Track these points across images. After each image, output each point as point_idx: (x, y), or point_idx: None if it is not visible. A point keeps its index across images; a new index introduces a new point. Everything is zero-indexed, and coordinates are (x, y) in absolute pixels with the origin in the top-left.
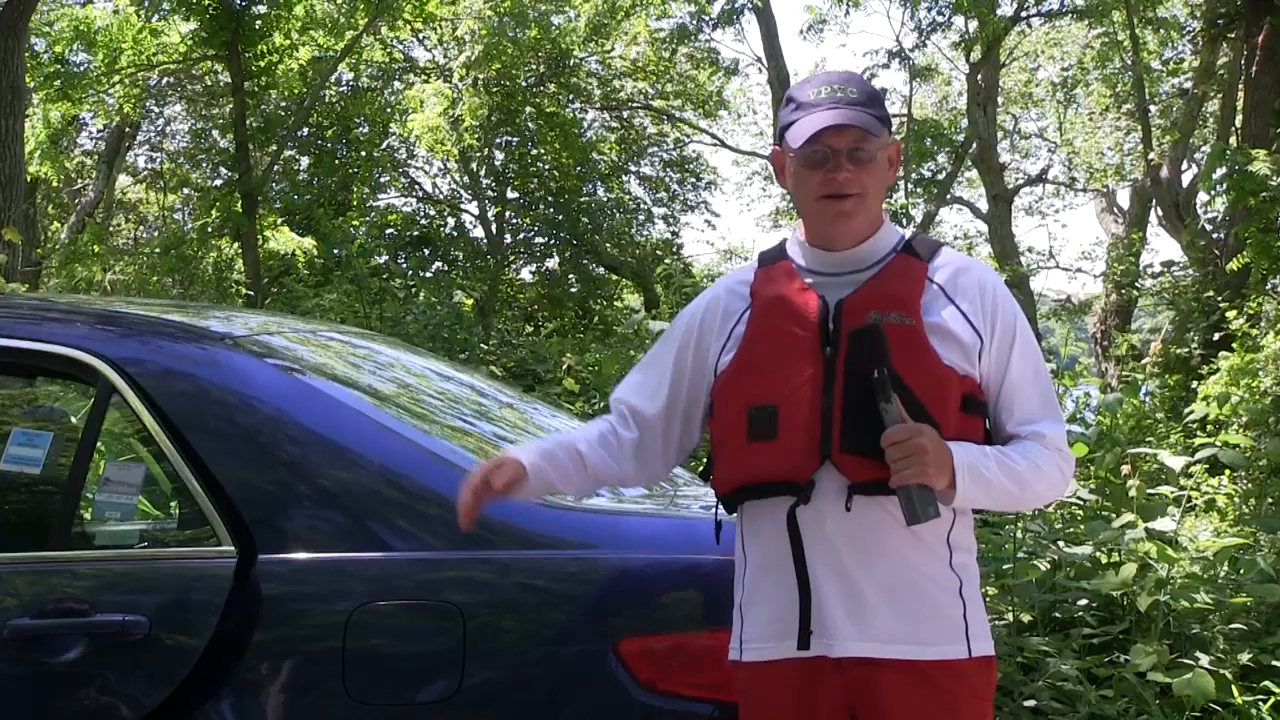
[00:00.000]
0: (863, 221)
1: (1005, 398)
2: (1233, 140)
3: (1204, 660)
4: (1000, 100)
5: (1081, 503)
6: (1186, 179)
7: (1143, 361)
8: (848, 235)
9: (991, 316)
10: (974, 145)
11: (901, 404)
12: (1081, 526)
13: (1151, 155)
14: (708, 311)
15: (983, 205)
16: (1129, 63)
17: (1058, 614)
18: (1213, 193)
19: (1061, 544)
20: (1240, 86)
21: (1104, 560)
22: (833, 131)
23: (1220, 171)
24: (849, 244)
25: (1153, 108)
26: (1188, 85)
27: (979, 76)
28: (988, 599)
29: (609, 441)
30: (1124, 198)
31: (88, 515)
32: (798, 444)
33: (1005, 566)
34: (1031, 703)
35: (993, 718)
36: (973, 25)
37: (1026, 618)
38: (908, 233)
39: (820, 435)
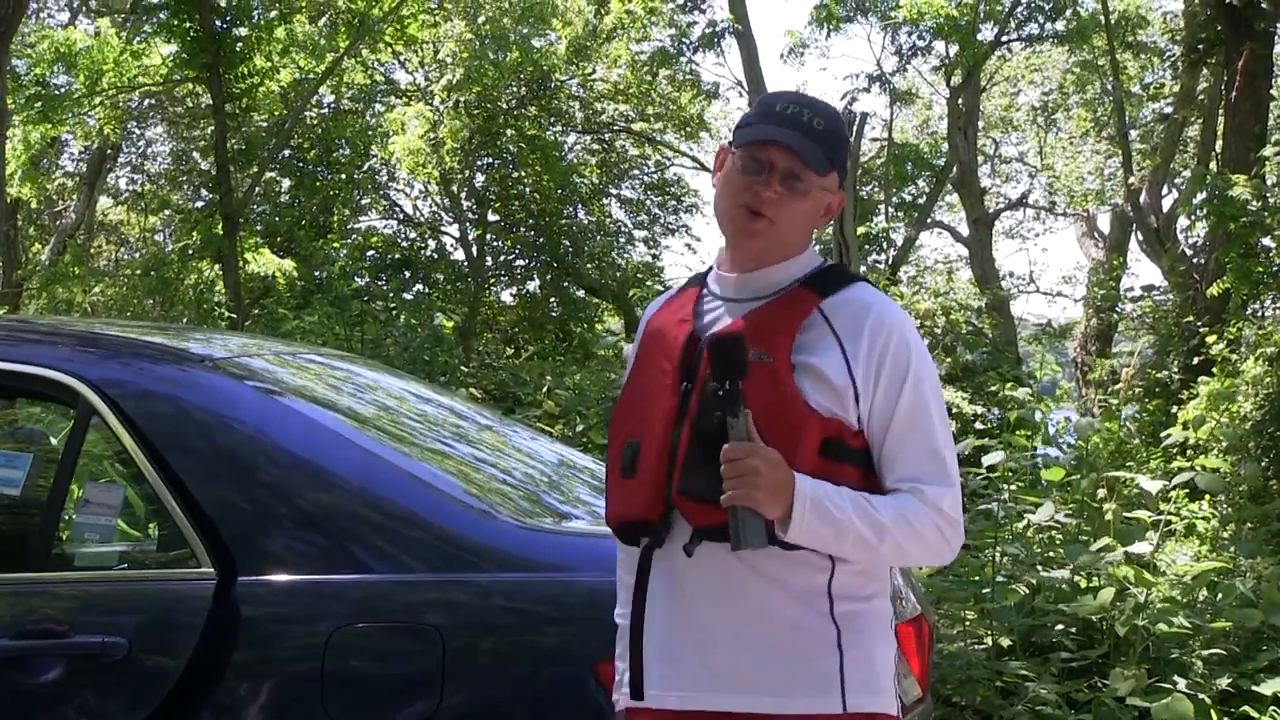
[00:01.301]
0: (767, 247)
1: (888, 452)
2: (1213, 165)
3: (1183, 685)
4: (981, 125)
5: (1060, 526)
6: (1167, 204)
7: (1116, 386)
8: (749, 255)
9: (879, 361)
10: (954, 169)
11: (751, 423)
12: (1060, 550)
13: (1132, 180)
14: (637, 339)
15: (963, 229)
16: (1109, 87)
17: (1036, 638)
18: (1193, 217)
19: (1040, 568)
20: (1220, 111)
21: (1082, 584)
22: (778, 148)
23: (1200, 196)
24: (750, 265)
25: (1133, 132)
26: (1168, 110)
27: (959, 101)
28: (963, 627)
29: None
30: (1104, 222)
31: (67, 536)
32: (649, 483)
33: (984, 590)
34: None
35: None
36: (953, 50)
37: (1005, 642)
38: (829, 262)
39: (666, 475)
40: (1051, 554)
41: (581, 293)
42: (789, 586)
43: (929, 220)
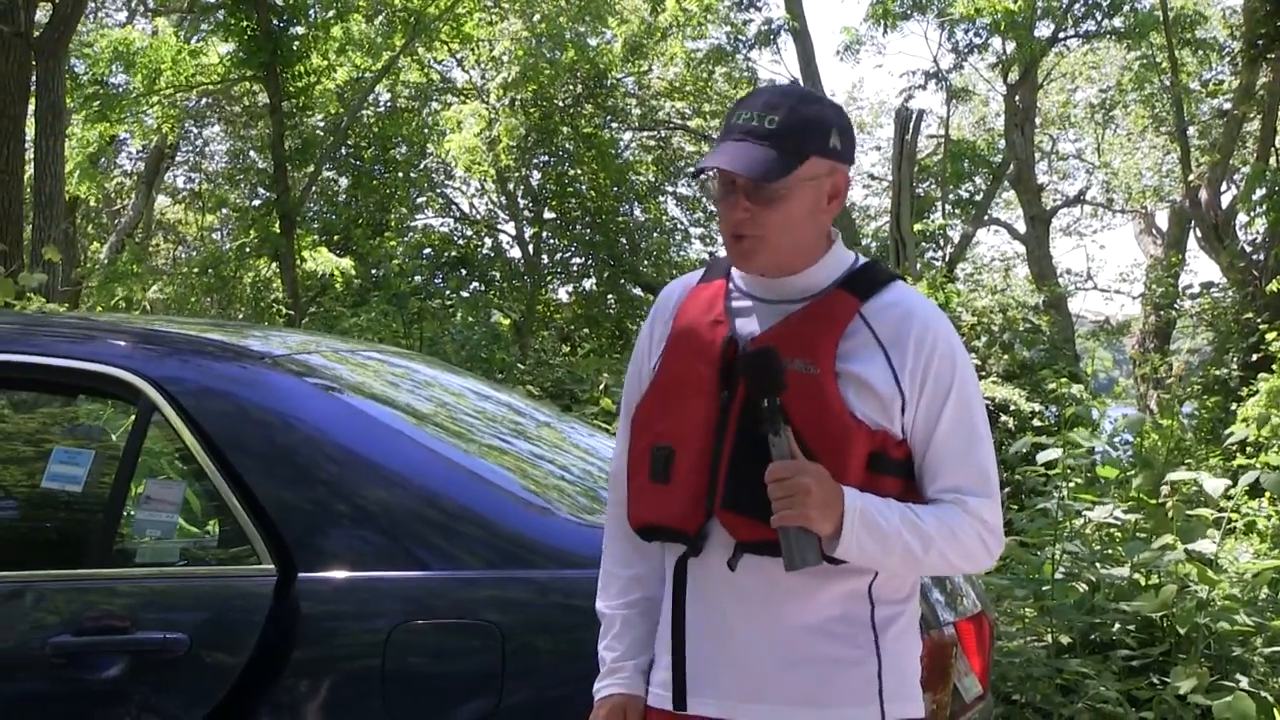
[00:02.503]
0: (773, 258)
1: (930, 462)
2: (1272, 161)
3: (1245, 683)
4: (1038, 121)
5: (1119, 524)
6: (1225, 200)
7: (1167, 381)
8: (760, 270)
9: (924, 371)
10: (1011, 166)
11: (794, 438)
12: (1120, 548)
13: (1190, 176)
14: (651, 325)
15: (1020, 226)
16: (1167, 84)
17: (1096, 636)
18: (1252, 214)
19: (1099, 565)
20: None
21: (1143, 582)
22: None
23: (1260, 192)
24: (775, 274)
25: (1191, 129)
26: (1227, 106)
27: (1016, 97)
28: (1022, 624)
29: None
30: (1162, 219)
31: (128, 533)
32: (685, 494)
33: (1044, 588)
34: None
35: None
36: (1010, 47)
37: (1065, 639)
38: (864, 259)
39: (707, 487)
40: (1111, 552)
41: (638, 290)
42: (831, 593)
43: (986, 217)
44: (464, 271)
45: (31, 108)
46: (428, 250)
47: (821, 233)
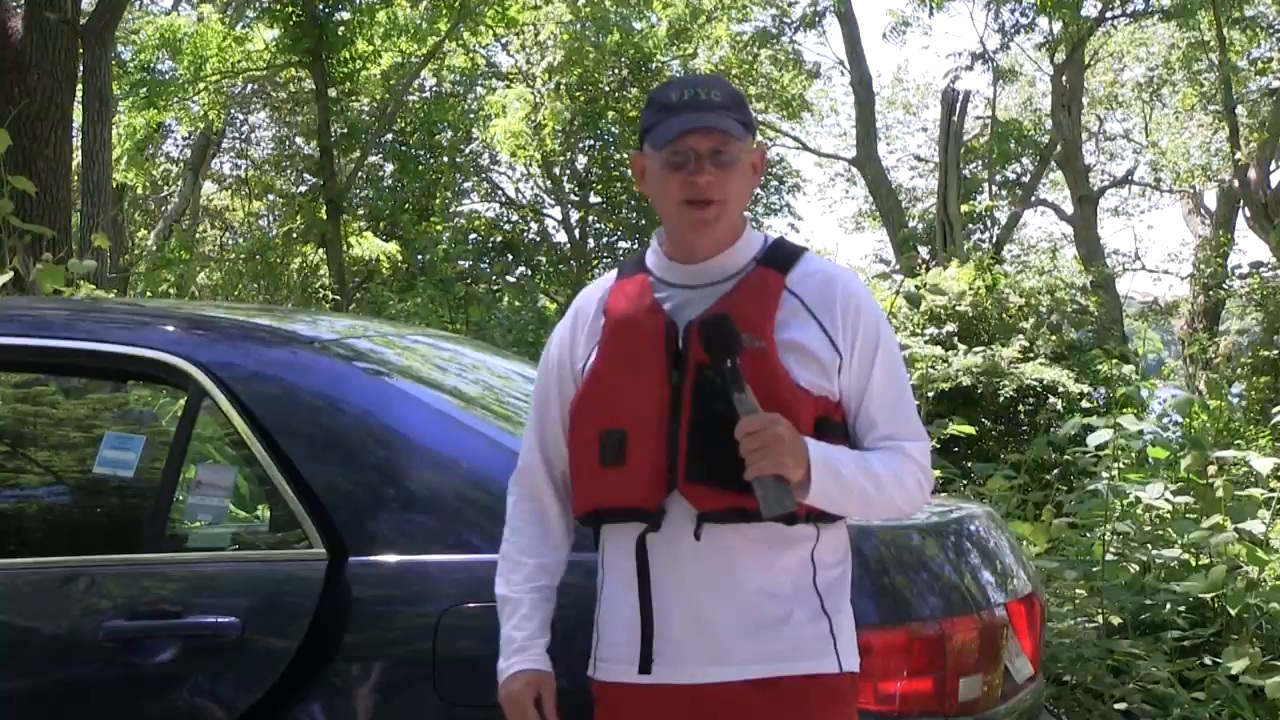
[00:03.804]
0: (724, 229)
1: (865, 414)
2: None
3: None
4: (1085, 101)
5: (1169, 505)
6: (1275, 179)
7: (1215, 362)
8: (708, 244)
9: (853, 332)
10: (1058, 147)
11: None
12: (1170, 529)
13: (1239, 155)
14: (570, 331)
15: (1068, 207)
16: (1215, 62)
17: (1147, 617)
18: None
19: (1150, 546)
20: None
21: (1193, 563)
22: (696, 134)
23: None
24: (708, 253)
25: (1240, 107)
26: (1276, 84)
27: (1063, 78)
28: (1073, 605)
29: (541, 556)
30: (1211, 199)
31: (180, 518)
32: (645, 472)
33: (1094, 569)
34: (1122, 705)
35: None
36: (1057, 26)
37: (1116, 620)
38: (771, 237)
39: (667, 463)
40: (1161, 532)
41: None
42: (782, 561)
43: (1033, 198)
44: (510, 256)
45: (78, 95)
46: (473, 235)
47: (744, 208)
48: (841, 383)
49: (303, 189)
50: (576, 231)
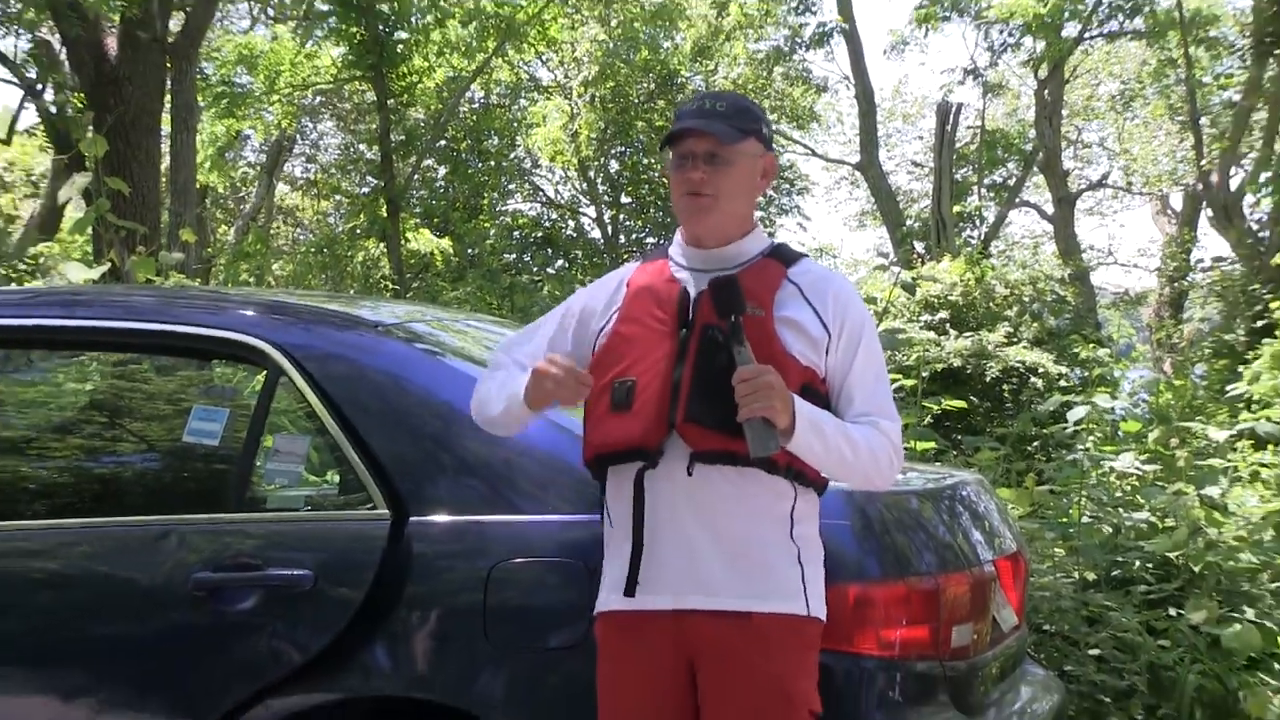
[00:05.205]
0: (721, 219)
1: (847, 391)
2: (1277, 147)
3: (1251, 614)
4: (1065, 113)
5: (1138, 473)
6: (1234, 183)
7: (1180, 346)
8: (708, 231)
9: (840, 319)
10: (1040, 154)
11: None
12: (1139, 495)
13: (1202, 162)
14: (592, 297)
15: (1048, 208)
16: (1182, 77)
17: (1118, 573)
18: (1259, 195)
19: (1121, 510)
20: None
21: (1160, 525)
22: (692, 137)
23: (1266, 175)
24: (715, 242)
25: (1204, 119)
26: (1236, 98)
27: (1045, 91)
28: (1052, 562)
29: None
30: (1177, 200)
31: (259, 482)
32: (649, 414)
33: (1071, 530)
34: (1096, 651)
35: (817, 667)
36: (1040, 46)
37: (1090, 576)
38: (777, 242)
39: (669, 407)
40: (1131, 498)
41: None
42: (764, 509)
43: (1017, 200)
44: (550, 250)
45: (167, 106)
46: (517, 231)
47: (753, 207)
48: (828, 361)
49: (365, 190)
50: (609, 228)
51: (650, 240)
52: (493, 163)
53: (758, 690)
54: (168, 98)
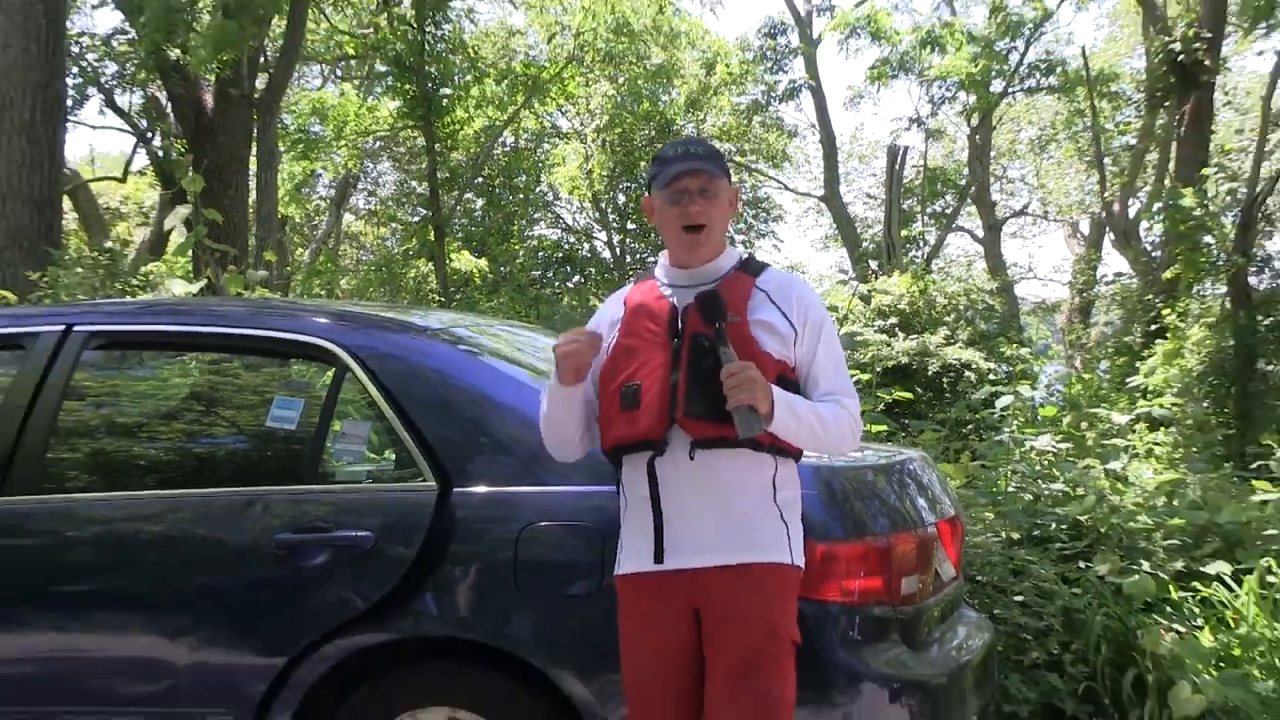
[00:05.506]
0: (711, 248)
1: (813, 376)
2: (1167, 182)
3: (1147, 566)
4: (992, 153)
5: (1054, 450)
6: (1132, 211)
7: (1088, 346)
8: (697, 258)
9: (804, 318)
10: (972, 188)
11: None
12: (1054, 468)
13: (1105, 194)
14: (601, 317)
15: (979, 233)
16: (1088, 125)
17: (1038, 532)
18: (1151, 221)
19: (1040, 481)
20: (1174, 141)
21: (1072, 493)
22: (688, 176)
23: (1158, 206)
24: (698, 264)
25: (1106, 159)
26: (1133, 141)
27: (976, 136)
28: (983, 524)
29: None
30: (1085, 226)
31: (328, 459)
32: (653, 412)
33: (999, 498)
34: (1020, 598)
35: (797, 606)
36: (972, 99)
37: (1015, 535)
38: (745, 254)
39: (669, 404)
40: (1048, 471)
41: None
42: (752, 482)
43: (954, 226)
44: (568, 268)
45: (253, 149)
46: (541, 253)
47: (725, 232)
48: (796, 352)
49: (416, 219)
50: (617, 250)
51: (652, 259)
52: (521, 196)
53: (753, 625)
54: (254, 143)
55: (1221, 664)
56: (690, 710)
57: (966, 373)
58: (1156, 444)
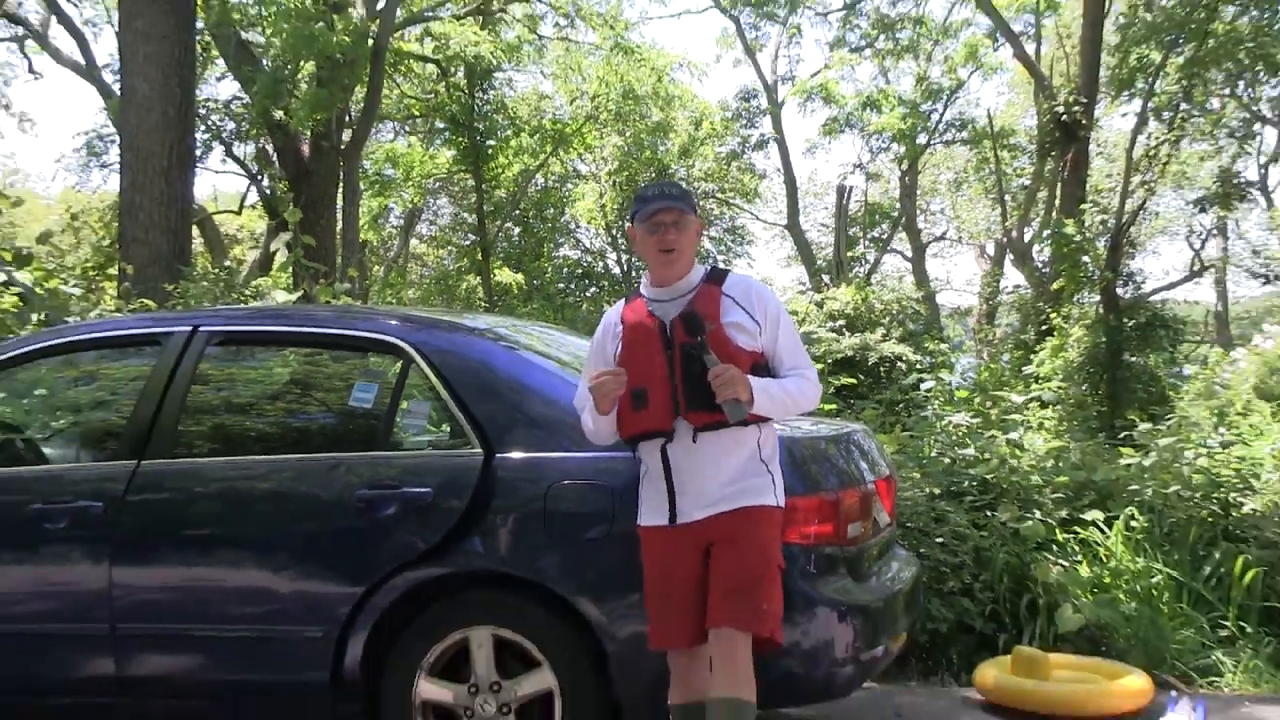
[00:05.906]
0: (681, 266)
1: (778, 358)
2: (1054, 214)
3: (1038, 514)
4: (919, 191)
5: (967, 424)
6: (1027, 237)
7: (993, 342)
8: (674, 275)
9: (764, 313)
10: (903, 218)
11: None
12: (967, 438)
13: (1006, 223)
14: (604, 334)
15: (908, 253)
16: (993, 170)
17: (954, 488)
18: (1042, 245)
19: (956, 448)
20: (1058, 183)
21: (981, 457)
22: (663, 212)
23: (1047, 233)
24: (674, 280)
25: (1007, 196)
26: (1027, 182)
27: (906, 178)
28: (911, 482)
29: None
30: (991, 248)
31: (398, 431)
32: (659, 409)
33: (924, 461)
34: (940, 540)
35: (779, 539)
36: (902, 148)
37: (936, 491)
38: (709, 267)
39: (672, 402)
40: (963, 440)
41: None
42: (742, 449)
43: (888, 248)
44: (587, 281)
45: (340, 188)
46: (566, 270)
47: (694, 254)
48: (762, 342)
49: (467, 242)
50: (625, 267)
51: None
52: (549, 224)
53: (751, 552)
54: (340, 183)
55: (1095, 590)
56: (697, 621)
57: (899, 363)
58: (1046, 419)
